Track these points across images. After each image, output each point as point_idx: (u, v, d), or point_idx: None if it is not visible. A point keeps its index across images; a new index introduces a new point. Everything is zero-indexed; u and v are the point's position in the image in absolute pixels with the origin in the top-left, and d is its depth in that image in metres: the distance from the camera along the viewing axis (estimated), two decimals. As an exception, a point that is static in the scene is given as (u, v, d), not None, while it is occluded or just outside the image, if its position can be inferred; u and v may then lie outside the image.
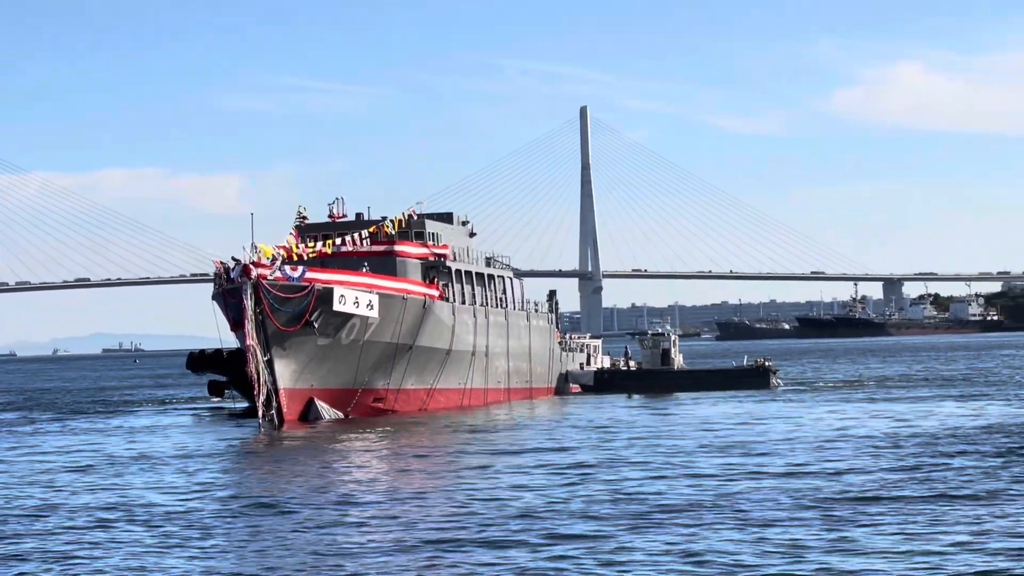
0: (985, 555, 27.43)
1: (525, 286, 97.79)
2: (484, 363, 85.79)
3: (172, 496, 40.35)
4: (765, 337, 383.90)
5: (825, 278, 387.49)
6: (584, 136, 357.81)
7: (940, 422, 60.24)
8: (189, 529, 33.56)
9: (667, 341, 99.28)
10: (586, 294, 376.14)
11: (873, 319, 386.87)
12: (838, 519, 32.15)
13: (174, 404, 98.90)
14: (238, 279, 68.73)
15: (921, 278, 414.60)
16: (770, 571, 26.51)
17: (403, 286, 76.82)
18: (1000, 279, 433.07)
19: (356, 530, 32.57)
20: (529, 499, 37.05)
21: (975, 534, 29.74)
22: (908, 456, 45.81)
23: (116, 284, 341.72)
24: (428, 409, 78.91)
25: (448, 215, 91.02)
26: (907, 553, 27.76)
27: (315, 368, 71.52)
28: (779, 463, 44.58)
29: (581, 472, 43.53)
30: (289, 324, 69.44)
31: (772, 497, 36.06)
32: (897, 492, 36.55)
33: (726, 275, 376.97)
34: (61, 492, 42.25)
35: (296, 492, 40.08)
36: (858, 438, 53.22)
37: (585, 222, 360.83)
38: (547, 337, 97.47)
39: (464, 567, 27.63)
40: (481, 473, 44.11)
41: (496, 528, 32.18)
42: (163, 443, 61.31)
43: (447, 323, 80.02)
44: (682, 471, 43.03)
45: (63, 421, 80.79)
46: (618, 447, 52.20)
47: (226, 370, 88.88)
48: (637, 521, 32.68)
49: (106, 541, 32.17)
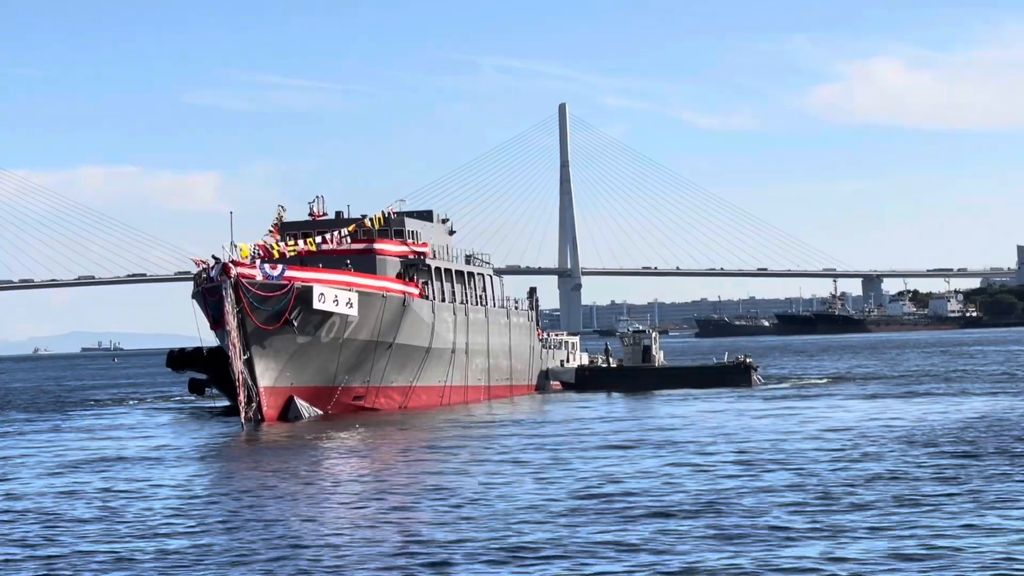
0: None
1: (505, 284, 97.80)
2: (464, 360, 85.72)
3: (158, 495, 40.19)
4: (745, 334, 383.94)
5: (804, 274, 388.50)
6: (563, 133, 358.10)
7: (916, 416, 60.38)
8: (175, 529, 33.43)
9: (648, 338, 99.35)
10: (565, 291, 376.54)
11: (852, 316, 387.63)
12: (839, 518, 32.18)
13: (155, 403, 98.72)
14: (218, 278, 68.57)
15: (900, 275, 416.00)
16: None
17: (382, 284, 76.72)
18: (979, 275, 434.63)
19: (334, 527, 32.46)
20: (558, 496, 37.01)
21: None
22: (890, 452, 45.91)
23: (95, 283, 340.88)
24: (408, 407, 78.83)
25: (428, 213, 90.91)
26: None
27: (295, 366, 71.40)
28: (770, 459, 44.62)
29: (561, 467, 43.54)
30: (269, 323, 69.32)
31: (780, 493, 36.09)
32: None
33: (705, 272, 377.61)
34: (33, 491, 42.13)
35: (278, 490, 39.96)
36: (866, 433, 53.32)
37: (564, 219, 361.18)
38: (527, 335, 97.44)
39: (446, 566, 27.58)
40: (459, 470, 44.01)
41: (480, 526, 32.12)
42: (146, 442, 61.10)
43: (427, 321, 79.94)
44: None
45: (37, 420, 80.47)
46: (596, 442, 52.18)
47: (206, 368, 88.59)
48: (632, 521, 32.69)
49: (88, 539, 32.02)
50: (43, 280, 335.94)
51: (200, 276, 72.69)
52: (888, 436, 51.74)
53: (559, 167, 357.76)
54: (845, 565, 26.47)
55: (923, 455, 44.64)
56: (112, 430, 70.12)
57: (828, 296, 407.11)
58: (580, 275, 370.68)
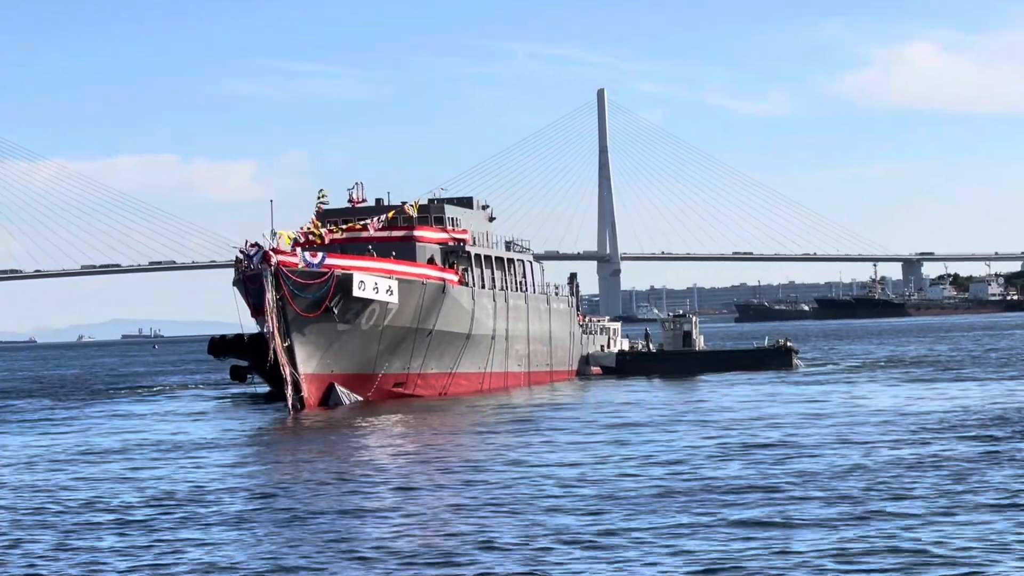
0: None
1: (545, 270, 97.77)
2: (504, 347, 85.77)
3: (203, 482, 40.40)
4: (784, 319, 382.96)
5: (844, 259, 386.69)
6: (601, 119, 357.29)
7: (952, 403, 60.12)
8: (217, 516, 33.60)
9: (688, 323, 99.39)
10: (604, 277, 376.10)
11: (892, 300, 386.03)
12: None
13: (198, 388, 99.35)
14: (258, 265, 68.80)
15: (940, 258, 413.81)
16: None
17: (422, 271, 76.81)
18: (1020, 259, 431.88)
19: (381, 516, 32.57)
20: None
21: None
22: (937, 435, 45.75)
23: (135, 270, 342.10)
24: (448, 393, 78.94)
25: (468, 200, 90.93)
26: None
27: (335, 353, 71.60)
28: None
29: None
30: (309, 310, 69.52)
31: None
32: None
33: (744, 256, 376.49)
34: (93, 478, 42.40)
35: (317, 478, 40.11)
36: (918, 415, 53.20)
37: (603, 205, 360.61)
38: (568, 320, 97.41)
39: (488, 555, 27.63)
40: (505, 458, 44.06)
41: (524, 518, 32.15)
42: (192, 428, 61.52)
43: (466, 307, 80.00)
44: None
45: (88, 406, 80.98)
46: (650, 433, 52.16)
47: (248, 355, 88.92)
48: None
49: (131, 528, 32.22)
50: (83, 267, 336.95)
51: (241, 263, 72.92)
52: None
53: (597, 153, 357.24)
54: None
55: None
56: (161, 419, 70.52)
57: (868, 280, 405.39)
58: (619, 260, 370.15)
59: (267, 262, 68.19)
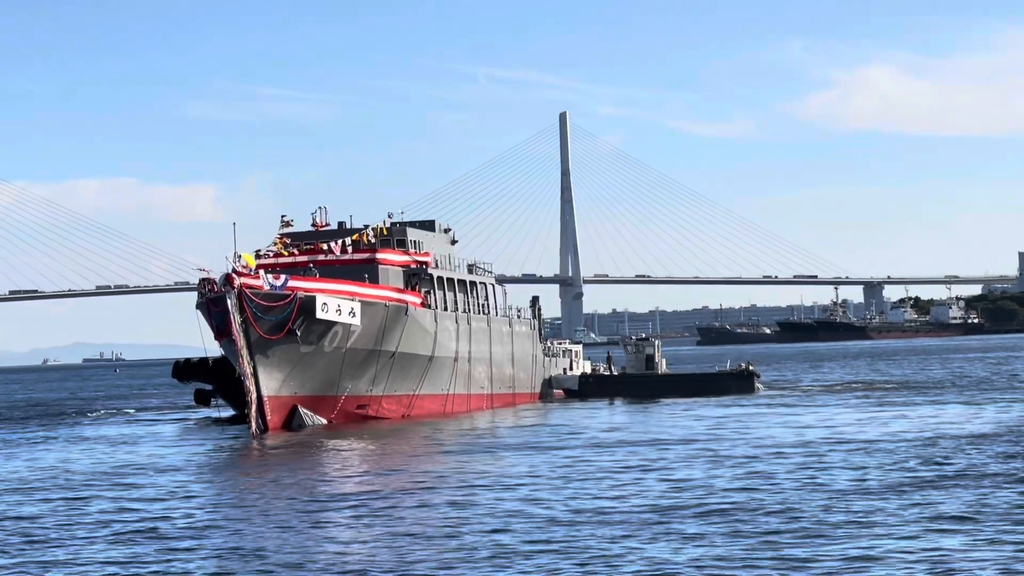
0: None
1: (508, 293, 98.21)
2: (467, 369, 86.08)
3: (165, 504, 40.56)
4: (746, 342, 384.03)
5: (806, 282, 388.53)
6: (564, 142, 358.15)
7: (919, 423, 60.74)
8: (181, 538, 33.80)
9: (651, 346, 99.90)
10: (567, 300, 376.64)
11: (854, 323, 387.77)
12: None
13: (162, 411, 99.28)
14: (221, 288, 69.02)
15: (901, 281, 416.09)
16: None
17: (385, 293, 77.15)
18: (980, 282, 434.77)
19: (346, 532, 32.85)
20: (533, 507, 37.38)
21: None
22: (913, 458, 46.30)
23: (97, 293, 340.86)
24: (411, 415, 79.20)
25: (430, 223, 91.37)
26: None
27: (298, 375, 71.85)
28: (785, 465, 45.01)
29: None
30: (272, 332, 69.76)
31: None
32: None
33: (706, 280, 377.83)
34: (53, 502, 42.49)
35: (287, 496, 40.33)
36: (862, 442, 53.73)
37: (565, 228, 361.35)
38: (530, 343, 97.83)
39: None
40: (463, 478, 44.37)
41: (484, 535, 32.49)
42: (155, 452, 61.54)
43: (429, 330, 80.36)
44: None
45: (46, 430, 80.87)
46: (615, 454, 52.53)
47: (212, 379, 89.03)
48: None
49: (100, 549, 32.40)
50: (50, 291, 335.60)
51: (204, 286, 73.07)
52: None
53: (560, 176, 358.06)
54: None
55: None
56: (122, 442, 70.50)
57: (830, 303, 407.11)
58: (581, 283, 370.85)
59: (230, 284, 68.43)
